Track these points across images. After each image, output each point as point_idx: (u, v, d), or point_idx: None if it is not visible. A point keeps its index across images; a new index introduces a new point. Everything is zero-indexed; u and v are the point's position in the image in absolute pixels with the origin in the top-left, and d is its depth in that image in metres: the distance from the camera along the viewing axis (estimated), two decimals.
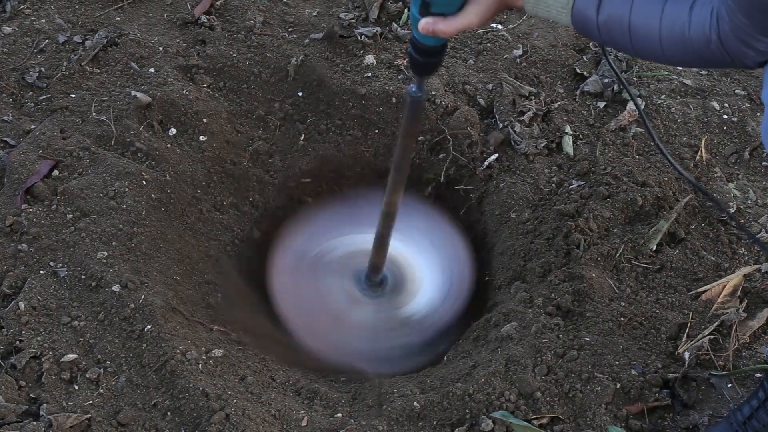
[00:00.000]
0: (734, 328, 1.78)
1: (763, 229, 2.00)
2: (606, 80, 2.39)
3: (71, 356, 1.71)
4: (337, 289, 2.16)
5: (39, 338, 1.73)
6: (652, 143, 2.23)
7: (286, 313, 2.09)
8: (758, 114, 2.35)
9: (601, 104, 2.35)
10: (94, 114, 2.20)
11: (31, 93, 2.28)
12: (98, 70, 2.35)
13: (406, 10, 2.58)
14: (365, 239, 2.07)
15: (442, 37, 1.38)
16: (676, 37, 1.19)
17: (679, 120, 2.30)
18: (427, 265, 2.24)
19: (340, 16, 2.57)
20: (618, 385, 1.68)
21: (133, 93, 2.21)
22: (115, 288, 1.81)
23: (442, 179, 2.29)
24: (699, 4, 1.17)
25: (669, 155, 1.56)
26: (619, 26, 1.24)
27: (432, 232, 2.28)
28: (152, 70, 2.33)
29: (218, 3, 2.57)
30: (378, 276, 2.11)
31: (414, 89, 1.58)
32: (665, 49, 1.21)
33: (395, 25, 2.53)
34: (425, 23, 1.35)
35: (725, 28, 1.12)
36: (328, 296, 2.15)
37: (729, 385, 1.71)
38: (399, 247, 2.15)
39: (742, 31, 1.11)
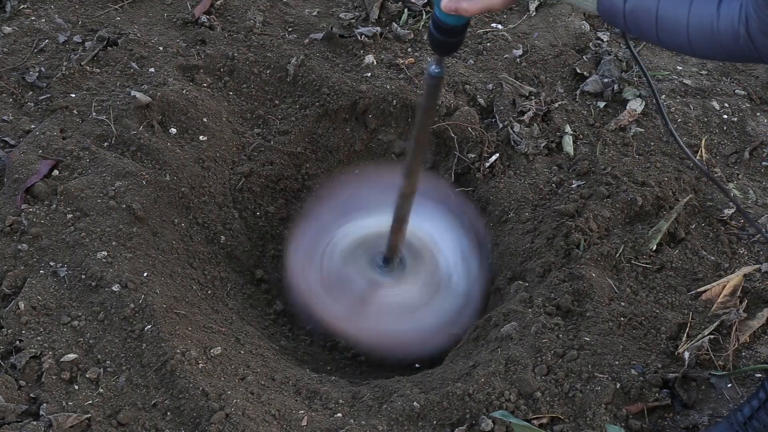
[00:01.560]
0: (734, 328, 1.78)
1: (764, 229, 2.00)
2: (606, 80, 2.39)
3: (71, 356, 1.71)
4: (355, 276, 2.15)
5: (39, 338, 1.73)
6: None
7: (309, 305, 2.09)
8: (758, 114, 2.35)
9: (601, 104, 2.35)
10: (94, 114, 2.20)
11: (31, 93, 2.28)
12: (98, 70, 2.35)
13: (406, 10, 2.58)
14: (374, 223, 2.08)
15: (465, 15, 1.38)
16: (705, 30, 1.18)
17: (679, 120, 2.30)
18: (443, 242, 2.24)
19: (340, 16, 2.57)
20: (618, 385, 1.68)
21: (133, 93, 2.21)
22: (115, 288, 1.81)
23: (453, 179, 2.30)
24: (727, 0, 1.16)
25: (684, 145, 1.54)
26: (646, 16, 1.23)
27: (447, 210, 2.27)
28: (152, 70, 2.33)
29: (218, 3, 2.57)
30: (396, 257, 2.10)
31: (434, 68, 1.58)
32: (692, 41, 1.20)
33: (395, 25, 2.53)
34: (448, 1, 1.35)
35: (753, 25, 1.12)
36: (348, 284, 2.15)
37: (729, 385, 1.71)
38: (414, 228, 2.14)
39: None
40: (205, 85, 2.35)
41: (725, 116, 2.32)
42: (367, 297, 2.12)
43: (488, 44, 2.52)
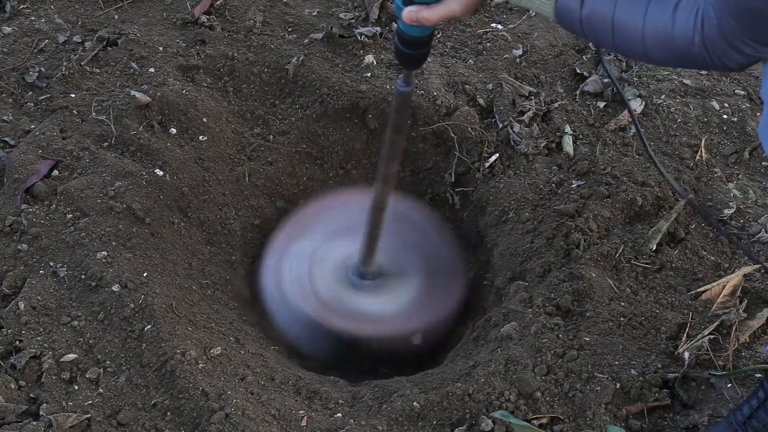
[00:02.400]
0: (734, 328, 1.78)
1: (763, 229, 2.00)
2: (606, 80, 2.39)
3: (71, 356, 1.71)
4: (331, 285, 2.17)
5: (39, 338, 1.73)
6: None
7: (276, 310, 2.11)
8: (758, 114, 2.35)
9: (601, 104, 2.35)
10: (94, 114, 2.20)
11: (31, 93, 2.28)
12: (98, 70, 2.35)
13: None
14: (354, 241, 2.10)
15: (427, 25, 1.39)
16: (660, 36, 1.19)
17: (679, 120, 2.30)
18: (418, 252, 2.26)
19: (340, 16, 2.57)
20: (618, 385, 1.68)
21: (132, 93, 2.21)
22: (115, 288, 1.81)
23: (453, 179, 2.30)
24: (683, 6, 1.17)
25: (661, 167, 1.55)
26: (602, 22, 1.24)
27: (421, 224, 2.30)
28: (152, 70, 2.33)
29: (218, 3, 2.57)
30: (370, 268, 2.12)
31: (401, 83, 1.58)
32: (647, 47, 1.22)
33: (395, 25, 2.53)
34: (409, 11, 1.36)
35: (711, 30, 1.13)
36: (324, 291, 2.16)
37: (729, 385, 1.71)
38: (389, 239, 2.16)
39: (731, 33, 1.11)
40: (205, 85, 2.35)
41: (725, 116, 2.32)
42: (348, 306, 2.13)
43: (488, 44, 2.52)
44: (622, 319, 1.81)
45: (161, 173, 2.10)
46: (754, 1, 1.05)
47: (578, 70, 2.43)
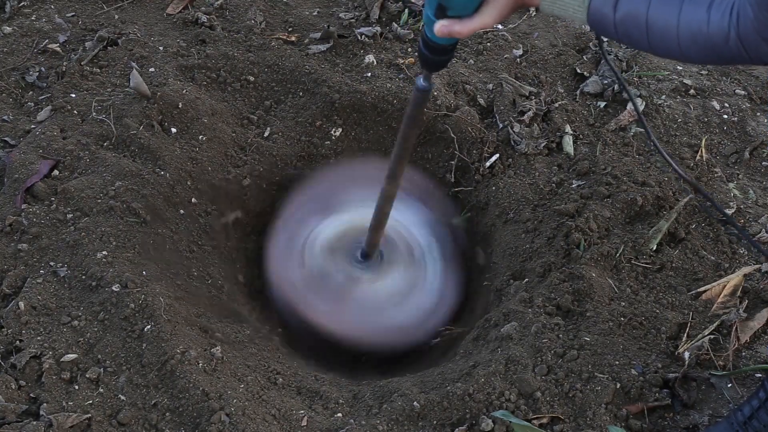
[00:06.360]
0: (734, 328, 1.78)
1: (764, 229, 2.00)
2: (606, 80, 2.39)
3: (71, 356, 1.71)
4: (333, 268, 2.17)
5: (39, 338, 1.73)
6: (651, 145, 2.23)
7: (285, 298, 2.11)
8: (758, 114, 2.35)
9: (602, 104, 2.35)
10: (94, 114, 2.20)
11: (31, 93, 2.28)
12: (98, 70, 2.35)
13: (406, 10, 2.58)
14: (355, 218, 2.12)
15: (458, 37, 1.40)
16: (695, 34, 1.20)
17: (679, 120, 2.30)
18: (422, 238, 2.26)
19: (340, 16, 2.57)
20: (618, 385, 1.68)
21: (132, 80, 2.20)
22: (115, 288, 1.81)
23: (452, 178, 2.30)
24: (717, 3, 1.18)
25: (668, 156, 1.56)
26: (636, 24, 1.25)
27: (428, 206, 2.30)
28: (152, 70, 2.33)
29: (218, 3, 2.57)
30: (374, 253, 2.14)
31: (422, 82, 1.61)
32: (683, 46, 1.22)
33: (395, 25, 2.53)
34: (441, 26, 1.36)
35: (747, 25, 1.13)
36: (326, 276, 2.17)
37: (729, 385, 1.71)
38: (394, 222, 2.17)
39: (766, 28, 1.11)
40: (205, 84, 2.35)
41: (725, 116, 2.32)
42: (347, 292, 2.14)
43: (488, 44, 2.52)
44: (622, 319, 1.81)
45: (161, 173, 2.10)
46: None
47: (578, 70, 2.43)
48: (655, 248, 1.96)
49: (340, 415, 1.69)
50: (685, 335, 1.78)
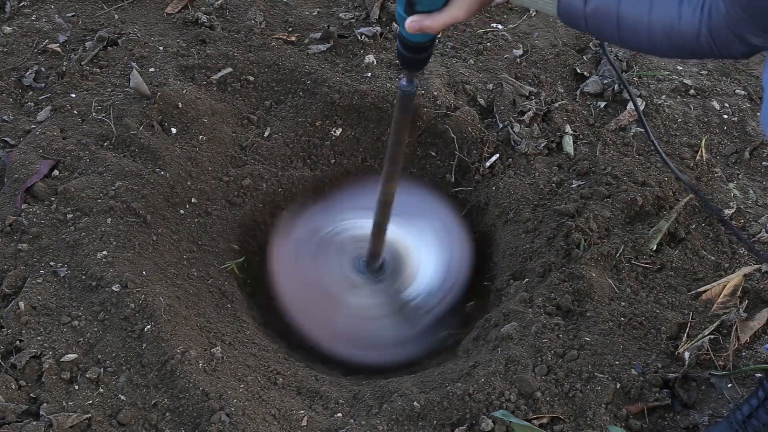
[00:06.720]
0: (734, 328, 1.78)
1: (764, 229, 2.00)
2: (606, 80, 2.39)
3: (71, 356, 1.71)
4: (336, 275, 2.17)
5: (39, 338, 1.73)
6: (651, 146, 2.23)
7: (286, 301, 2.10)
8: (758, 114, 2.35)
9: (602, 104, 2.35)
10: (94, 114, 2.20)
11: (31, 93, 2.28)
12: (98, 70, 2.35)
13: None
14: (362, 224, 2.11)
15: (430, 33, 1.39)
16: (666, 29, 1.20)
17: (679, 120, 2.30)
18: (426, 249, 2.26)
19: (340, 16, 2.57)
20: (618, 385, 1.68)
21: (132, 80, 2.20)
22: (115, 288, 1.81)
23: (452, 178, 2.30)
24: None
25: (667, 159, 1.56)
26: (607, 18, 1.25)
27: (432, 217, 2.29)
28: (152, 69, 2.33)
29: (218, 3, 2.57)
30: (377, 262, 2.13)
31: (405, 84, 1.60)
32: (653, 40, 1.23)
33: (395, 25, 2.53)
34: (411, 21, 1.36)
35: (719, 21, 1.14)
36: (329, 283, 2.16)
37: (729, 385, 1.71)
38: (398, 232, 2.16)
39: (741, 25, 1.12)
40: (205, 84, 2.35)
41: (725, 116, 2.32)
42: (348, 300, 2.14)
43: (488, 44, 2.52)
44: (622, 319, 1.81)
45: (161, 173, 2.10)
46: None
47: (578, 70, 2.43)
48: (655, 248, 1.96)
49: (340, 415, 1.69)
50: (685, 335, 1.78)
